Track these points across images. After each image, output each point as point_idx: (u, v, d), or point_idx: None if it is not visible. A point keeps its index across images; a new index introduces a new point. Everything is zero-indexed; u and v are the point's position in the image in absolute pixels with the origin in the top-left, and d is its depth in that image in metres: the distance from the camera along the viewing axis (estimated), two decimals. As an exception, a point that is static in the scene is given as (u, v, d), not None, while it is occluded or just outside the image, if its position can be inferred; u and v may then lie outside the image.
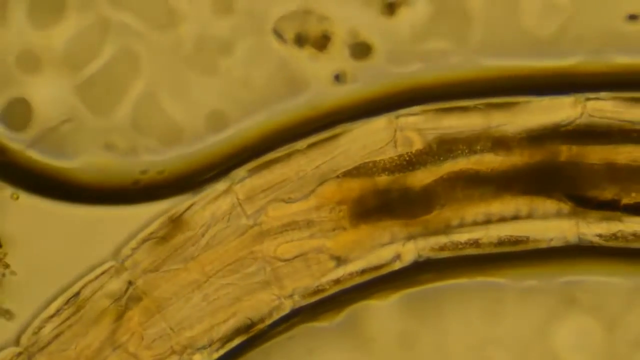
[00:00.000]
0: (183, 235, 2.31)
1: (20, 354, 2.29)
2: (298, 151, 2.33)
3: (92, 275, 2.31)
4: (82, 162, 2.36)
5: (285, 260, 2.30)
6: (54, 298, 2.33)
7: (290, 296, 2.32)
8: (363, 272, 2.33)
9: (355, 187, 2.29)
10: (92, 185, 2.37)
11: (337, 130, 2.33)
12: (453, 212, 2.30)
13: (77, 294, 2.30)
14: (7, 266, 2.32)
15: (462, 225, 2.31)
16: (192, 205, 2.32)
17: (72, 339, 2.30)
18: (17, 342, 2.30)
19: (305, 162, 2.33)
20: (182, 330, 2.30)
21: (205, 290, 2.31)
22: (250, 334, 2.33)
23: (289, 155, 2.33)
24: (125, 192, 2.37)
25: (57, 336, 2.30)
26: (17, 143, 2.35)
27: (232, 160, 2.36)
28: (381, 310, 2.37)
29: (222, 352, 2.33)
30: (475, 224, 2.31)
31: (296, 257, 2.31)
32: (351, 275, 2.32)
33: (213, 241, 2.31)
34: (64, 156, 2.36)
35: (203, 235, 2.31)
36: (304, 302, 2.33)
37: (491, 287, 2.38)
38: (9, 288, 2.33)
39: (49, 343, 2.29)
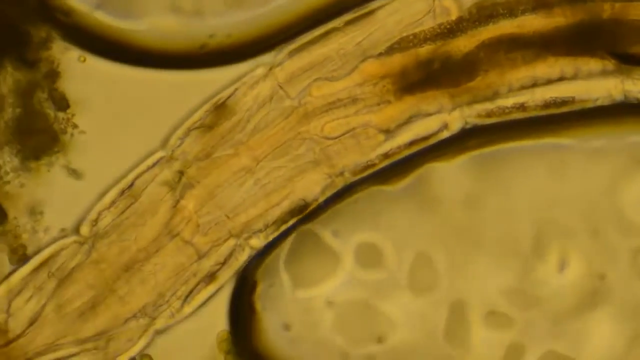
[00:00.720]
0: (229, 122, 2.32)
1: (81, 243, 2.30)
2: (336, 29, 2.32)
3: (143, 166, 2.32)
4: (148, 24, 2.37)
5: (333, 138, 2.30)
6: (120, 159, 2.35)
7: (341, 174, 2.31)
8: (411, 143, 2.32)
9: (397, 60, 2.28)
10: (158, 48, 2.37)
11: (374, 4, 2.32)
12: (497, 77, 2.28)
13: (131, 185, 2.31)
14: (75, 126, 2.34)
15: (506, 90, 2.29)
16: (235, 91, 2.32)
17: (129, 230, 2.32)
18: (76, 230, 2.31)
19: (345, 40, 2.31)
20: (236, 215, 2.32)
21: (256, 174, 2.31)
22: (304, 214, 2.33)
23: (326, 34, 2.32)
24: (191, 56, 2.37)
25: (115, 227, 2.31)
26: (84, 4, 2.36)
27: (300, 25, 2.36)
28: (447, 172, 2.37)
29: (276, 233, 2.34)
30: (520, 88, 2.29)
31: (344, 134, 2.31)
32: (399, 148, 2.32)
33: (260, 125, 2.31)
34: (130, 17, 2.37)
35: (248, 120, 2.31)
36: (354, 179, 2.32)
37: (557, 148, 2.36)
38: (77, 148, 2.35)
39: (108, 233, 2.30)
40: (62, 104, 2.34)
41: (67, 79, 2.35)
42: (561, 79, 2.28)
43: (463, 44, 2.27)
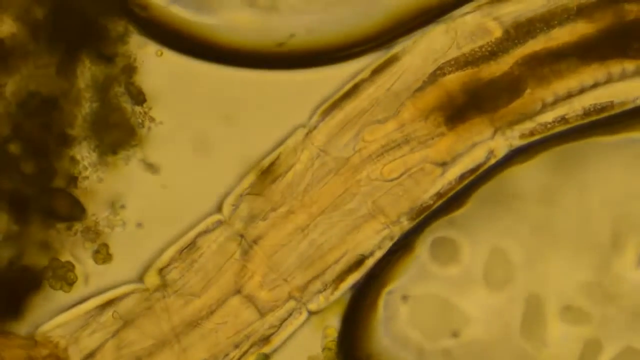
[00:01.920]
0: (278, 185, 2.32)
1: (148, 291, 2.31)
2: (364, 80, 2.32)
3: (202, 227, 2.33)
4: (223, 18, 2.37)
5: (392, 180, 2.30)
6: (197, 153, 2.36)
7: (398, 221, 2.31)
8: (462, 177, 2.32)
9: (441, 90, 2.28)
10: (233, 44, 2.37)
11: (396, 49, 2.32)
12: (535, 94, 2.28)
13: (192, 244, 2.33)
14: (152, 120, 2.35)
15: (545, 106, 2.29)
16: (278, 156, 2.33)
17: (194, 284, 2.33)
18: (140, 279, 2.34)
19: (375, 88, 2.32)
20: (294, 278, 2.32)
21: (311, 234, 2.32)
22: (363, 269, 2.33)
23: (356, 87, 2.33)
24: (267, 55, 2.37)
25: (180, 281, 2.33)
26: (161, -2, 2.37)
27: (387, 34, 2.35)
28: (523, 168, 2.36)
29: (337, 293, 2.34)
30: (558, 100, 2.29)
31: (402, 174, 2.30)
32: (450, 184, 2.31)
33: (309, 185, 2.32)
34: (205, 11, 2.37)
35: (298, 183, 2.32)
36: (412, 225, 2.32)
37: (633, 142, 2.35)
38: (154, 142, 2.36)
39: (173, 286, 2.32)
40: (139, 98, 2.35)
41: (144, 73, 2.35)
42: (595, 85, 2.28)
43: (502, 64, 2.27)
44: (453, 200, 2.35)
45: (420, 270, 2.36)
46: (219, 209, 2.34)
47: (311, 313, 2.35)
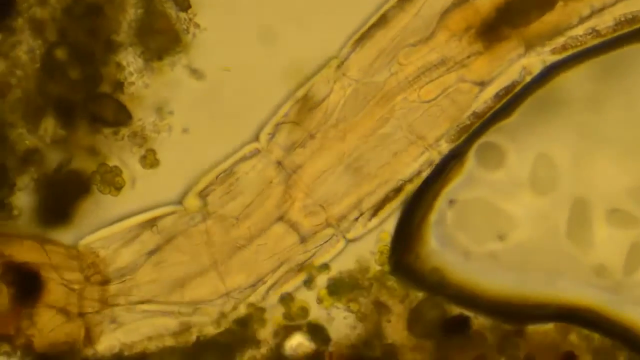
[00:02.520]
0: (314, 114, 2.32)
1: (189, 213, 2.32)
2: (392, 8, 2.31)
3: (240, 154, 2.33)
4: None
5: (430, 101, 2.28)
6: (241, 58, 2.35)
7: (436, 144, 2.30)
8: (498, 96, 2.30)
9: (470, 10, 2.26)
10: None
11: None
12: (570, 7, 2.26)
13: (231, 171, 2.34)
14: (197, 26, 2.34)
15: (575, 20, 2.28)
16: (313, 85, 2.32)
17: (235, 208, 2.33)
18: (179, 202, 2.34)
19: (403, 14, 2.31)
20: (330, 206, 2.32)
21: (349, 163, 2.32)
22: (401, 196, 2.33)
23: (384, 16, 2.31)
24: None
25: (221, 204, 2.33)
26: None
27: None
28: (569, 75, 2.34)
29: (375, 221, 2.34)
30: (593, 13, 2.27)
31: (439, 95, 2.28)
32: (486, 102, 2.30)
33: (347, 114, 2.31)
34: None
35: (334, 111, 2.31)
36: (451, 147, 2.31)
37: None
38: (198, 48, 2.36)
39: (214, 209, 2.33)
40: (183, 4, 2.34)
41: (188, -21, 2.35)
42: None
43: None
44: (499, 112, 2.34)
45: (467, 175, 2.36)
46: (256, 137, 2.34)
47: (349, 241, 2.35)
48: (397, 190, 2.34)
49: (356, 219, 2.34)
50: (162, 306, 2.32)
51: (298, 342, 2.36)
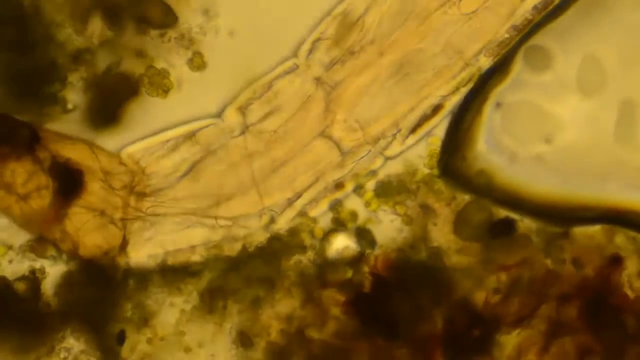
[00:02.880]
0: (353, 32, 2.30)
1: (230, 128, 2.31)
2: None
3: (279, 70, 2.33)
4: None
5: (469, 14, 2.26)
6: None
7: (475, 60, 2.29)
8: (536, 8, 2.29)
9: None
10: None
11: None
12: None
13: (270, 86, 2.32)
14: None
15: None
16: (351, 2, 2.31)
17: (274, 124, 2.33)
18: (218, 115, 2.33)
19: None
20: (369, 124, 2.32)
21: (388, 80, 2.31)
22: (441, 113, 2.33)
23: None
24: None
25: (260, 119, 2.33)
26: None
27: None
28: None
29: (412, 138, 2.33)
30: None
31: (480, 7, 2.26)
32: (525, 15, 2.29)
33: (385, 31, 2.29)
34: None
35: (373, 29, 2.30)
36: (490, 61, 2.30)
37: None
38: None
39: (254, 124, 2.33)
40: None
41: None
42: None
43: None
44: (546, 16, 2.32)
45: (514, 78, 2.35)
46: (295, 52, 2.33)
47: (387, 158, 2.35)
48: (436, 107, 2.33)
49: (394, 136, 2.34)
50: (200, 218, 2.33)
51: (343, 244, 2.37)
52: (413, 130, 2.34)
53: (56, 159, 2.27)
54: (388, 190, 2.36)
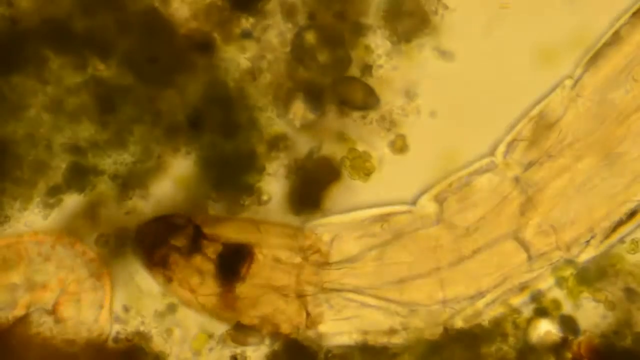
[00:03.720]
0: (550, 133, 2.26)
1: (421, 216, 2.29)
2: (625, 24, 2.24)
3: (476, 167, 2.29)
4: None
5: None
6: (490, 39, 2.30)
7: None
8: None
9: None
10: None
11: None
12: None
13: (466, 181, 2.29)
14: (445, 7, 2.30)
15: None
16: (548, 104, 2.27)
17: (470, 220, 2.30)
18: (412, 202, 2.31)
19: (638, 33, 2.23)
20: (564, 229, 2.27)
21: (585, 185, 2.26)
22: (633, 221, 2.27)
23: (617, 33, 2.25)
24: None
25: (455, 213, 2.30)
26: None
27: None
28: None
29: (606, 243, 2.28)
30: None
31: None
32: None
33: (580, 135, 2.24)
34: None
35: (567, 131, 2.25)
36: None
37: None
38: (447, 29, 2.31)
39: (447, 216, 2.29)
40: (432, -15, 2.30)
41: (429, -39, 2.30)
42: None
43: None
44: None
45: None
46: (491, 150, 2.29)
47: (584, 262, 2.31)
48: (632, 212, 2.27)
49: (587, 242, 2.28)
50: (377, 301, 2.30)
51: (545, 329, 2.32)
52: (607, 236, 2.28)
53: (225, 245, 2.26)
54: (587, 277, 2.30)
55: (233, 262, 2.27)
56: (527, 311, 2.32)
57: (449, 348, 2.30)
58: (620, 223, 2.28)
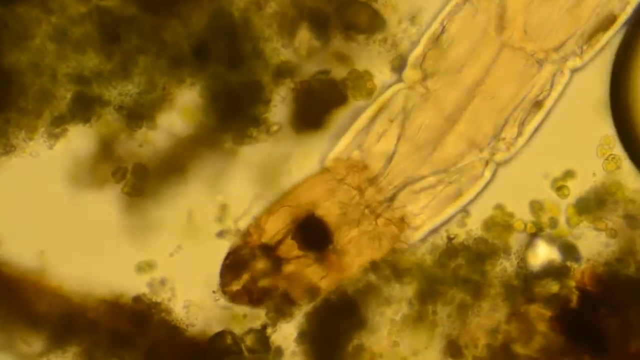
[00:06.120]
0: None
1: (412, 88, 2.29)
2: None
3: (447, 9, 2.29)
4: None
5: None
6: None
7: None
8: None
9: None
10: None
11: None
12: None
13: (442, 30, 2.29)
14: None
15: None
16: None
17: (455, 62, 2.29)
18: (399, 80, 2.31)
19: None
20: (546, 40, 2.27)
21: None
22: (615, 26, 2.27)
23: None
24: None
25: (439, 63, 2.29)
26: None
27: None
28: None
29: (591, 51, 2.28)
30: None
31: None
32: None
33: None
34: None
35: None
36: None
37: None
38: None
39: (435, 71, 2.29)
40: None
41: None
42: None
43: None
44: None
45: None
46: None
47: (573, 71, 2.30)
48: (610, 21, 2.28)
49: (575, 53, 2.29)
50: (432, 178, 2.31)
51: (547, 257, 2.34)
52: (591, 44, 2.29)
53: (294, 236, 2.28)
54: (586, 207, 2.32)
55: (314, 237, 2.28)
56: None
57: (454, 260, 2.33)
58: (602, 29, 2.29)
